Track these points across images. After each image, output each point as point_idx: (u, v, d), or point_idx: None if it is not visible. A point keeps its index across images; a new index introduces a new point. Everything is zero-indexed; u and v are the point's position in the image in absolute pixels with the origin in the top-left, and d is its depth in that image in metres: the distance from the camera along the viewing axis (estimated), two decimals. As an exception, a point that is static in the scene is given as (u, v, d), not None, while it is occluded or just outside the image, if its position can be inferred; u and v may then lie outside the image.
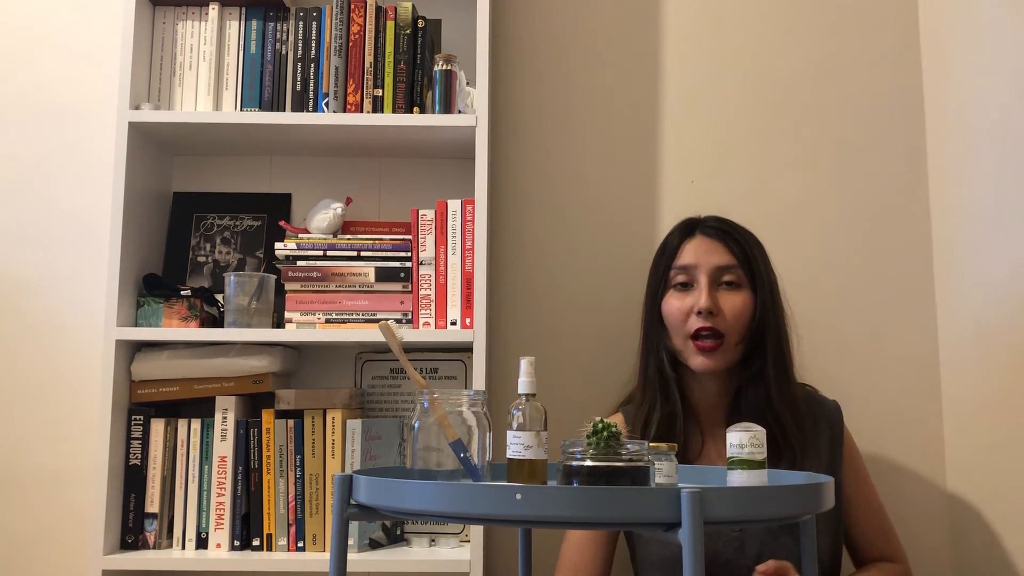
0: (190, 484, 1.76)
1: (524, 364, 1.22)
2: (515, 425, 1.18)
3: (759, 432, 1.19)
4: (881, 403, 1.91)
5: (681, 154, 2.00)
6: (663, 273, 1.63)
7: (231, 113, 1.84)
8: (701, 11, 2.04)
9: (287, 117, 1.79)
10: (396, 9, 1.84)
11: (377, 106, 1.81)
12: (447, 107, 1.79)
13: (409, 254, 1.79)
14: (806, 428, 1.56)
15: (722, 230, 1.62)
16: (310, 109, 1.82)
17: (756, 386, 1.57)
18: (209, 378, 1.78)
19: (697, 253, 1.60)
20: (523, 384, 1.21)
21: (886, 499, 1.68)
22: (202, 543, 1.74)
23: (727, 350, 1.57)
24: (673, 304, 1.59)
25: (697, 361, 1.57)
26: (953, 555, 1.86)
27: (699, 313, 1.55)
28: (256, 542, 1.74)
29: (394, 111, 1.81)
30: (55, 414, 1.93)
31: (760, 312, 1.57)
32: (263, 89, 1.85)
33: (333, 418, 1.74)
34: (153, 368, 1.77)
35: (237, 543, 1.74)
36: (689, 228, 1.65)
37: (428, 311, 1.76)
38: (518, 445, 1.17)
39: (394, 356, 1.35)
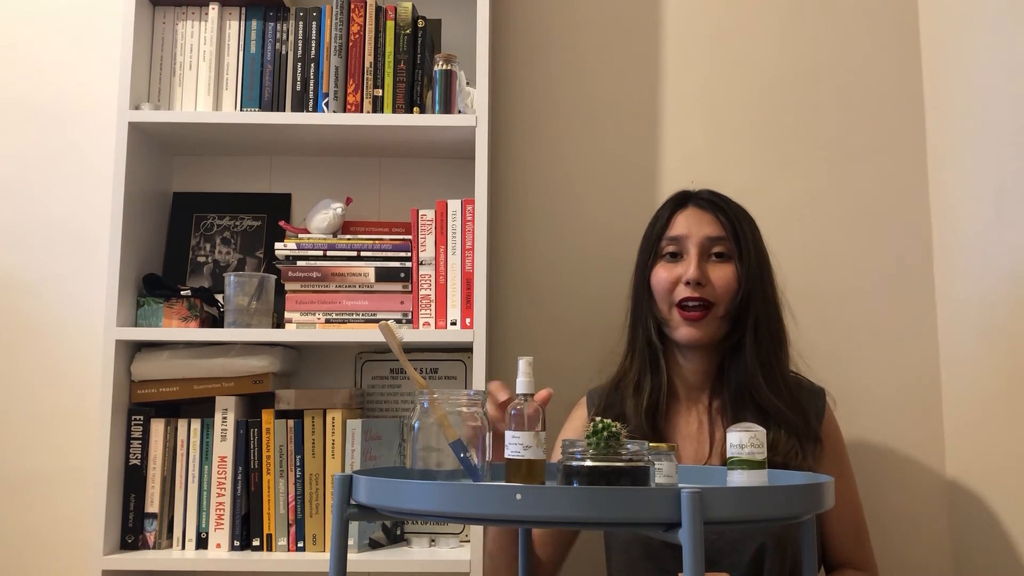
0: (190, 484, 1.76)
1: (522, 364, 1.22)
2: (514, 425, 1.18)
3: (759, 432, 1.19)
4: (882, 403, 1.91)
5: (681, 154, 2.00)
6: (654, 244, 1.61)
7: (231, 113, 1.84)
8: (701, 11, 2.04)
9: (287, 117, 1.79)
10: (396, 9, 1.83)
11: (377, 106, 1.81)
12: (447, 107, 1.79)
13: (409, 254, 1.79)
14: (797, 409, 1.53)
15: (714, 202, 1.60)
16: (310, 109, 1.82)
17: (736, 361, 1.55)
18: (209, 378, 1.78)
19: (688, 224, 1.59)
20: (521, 384, 1.21)
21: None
22: (202, 543, 1.74)
23: (713, 321, 1.55)
24: (661, 274, 1.58)
25: (682, 332, 1.55)
26: (953, 552, 1.86)
27: (687, 283, 1.54)
28: (256, 542, 1.74)
29: (394, 111, 1.81)
30: (55, 414, 1.93)
31: (745, 284, 1.55)
32: (263, 89, 1.85)
33: (333, 418, 1.74)
34: (153, 368, 1.77)
35: (237, 543, 1.74)
36: (682, 199, 1.64)
37: (428, 311, 1.76)
38: (517, 445, 1.17)
39: (394, 356, 1.35)
